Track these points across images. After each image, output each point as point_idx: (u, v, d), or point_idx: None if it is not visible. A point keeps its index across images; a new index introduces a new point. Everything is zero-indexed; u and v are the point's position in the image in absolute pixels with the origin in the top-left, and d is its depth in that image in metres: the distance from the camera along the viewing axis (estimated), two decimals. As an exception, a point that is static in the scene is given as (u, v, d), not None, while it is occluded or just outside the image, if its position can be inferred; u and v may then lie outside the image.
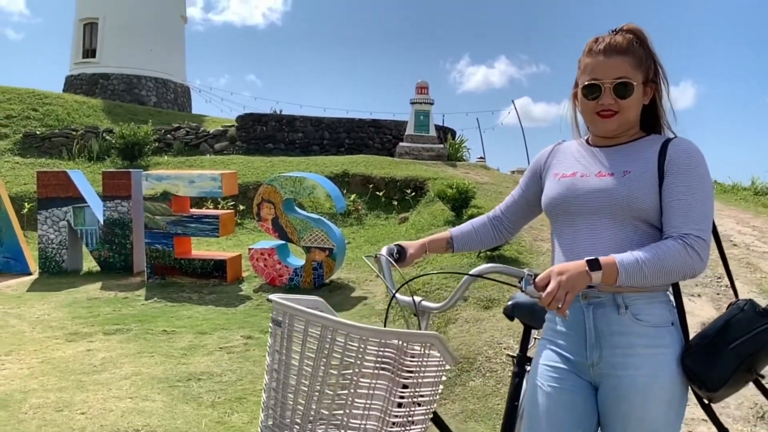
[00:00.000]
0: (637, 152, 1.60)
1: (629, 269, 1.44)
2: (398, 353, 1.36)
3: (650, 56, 1.62)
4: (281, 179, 6.93)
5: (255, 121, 15.65)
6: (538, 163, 1.81)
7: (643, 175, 1.55)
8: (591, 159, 1.65)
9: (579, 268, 1.42)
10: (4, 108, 15.86)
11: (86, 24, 23.07)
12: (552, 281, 1.40)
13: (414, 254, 1.90)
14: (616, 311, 1.54)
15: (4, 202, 7.85)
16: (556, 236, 1.68)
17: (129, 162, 12.74)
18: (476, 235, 1.94)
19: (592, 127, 1.66)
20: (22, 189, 11.25)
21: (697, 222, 1.49)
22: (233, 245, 9.12)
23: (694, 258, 1.46)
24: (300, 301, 1.62)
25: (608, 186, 1.57)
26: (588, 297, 1.57)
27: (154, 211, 7.07)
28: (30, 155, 14.02)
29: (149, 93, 22.56)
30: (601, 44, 1.60)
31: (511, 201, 1.91)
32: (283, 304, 1.46)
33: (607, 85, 1.57)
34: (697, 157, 1.55)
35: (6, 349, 4.81)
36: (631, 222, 1.55)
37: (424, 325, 1.71)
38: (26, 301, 6.39)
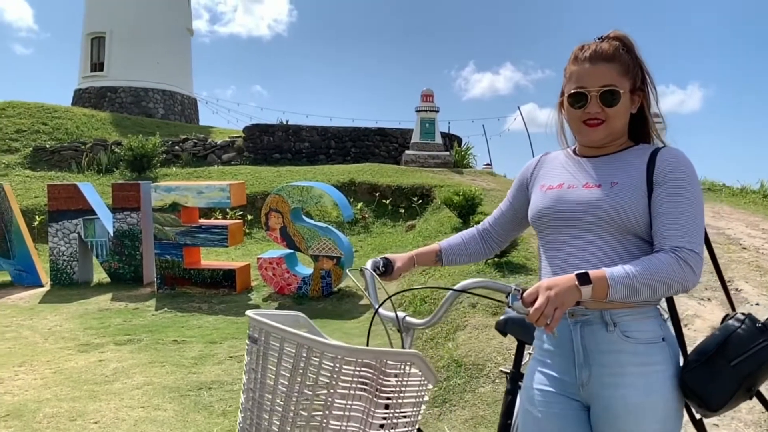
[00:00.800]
0: (625, 162, 1.55)
1: (620, 283, 1.38)
2: (376, 373, 1.30)
3: (637, 64, 1.58)
4: (289, 189, 6.99)
5: (262, 131, 15.76)
6: (525, 175, 1.77)
7: (631, 186, 1.50)
8: (578, 170, 1.60)
9: (568, 282, 1.36)
10: (14, 122, 16.04)
11: (94, 38, 23.32)
12: (540, 296, 1.34)
13: (401, 267, 1.83)
14: (605, 329, 1.50)
15: (16, 215, 7.94)
16: (543, 249, 1.63)
17: (137, 174, 12.85)
18: (465, 248, 1.89)
19: (579, 136, 1.61)
20: (33, 202, 11.37)
21: (689, 235, 1.43)
22: (242, 255, 9.17)
23: (687, 272, 1.40)
24: (279, 317, 1.57)
25: (595, 198, 1.52)
26: (575, 315, 1.53)
27: (163, 222, 7.14)
28: (40, 168, 14.17)
29: (156, 105, 22.76)
30: (587, 51, 1.55)
31: (499, 213, 1.87)
32: (259, 321, 1.40)
33: (593, 93, 1.53)
34: (686, 168, 1.50)
35: (19, 360, 4.86)
36: (619, 235, 1.50)
37: (409, 342, 1.64)
38: (38, 313, 6.45)
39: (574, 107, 1.56)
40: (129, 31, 22.73)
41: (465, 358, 4.27)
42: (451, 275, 6.25)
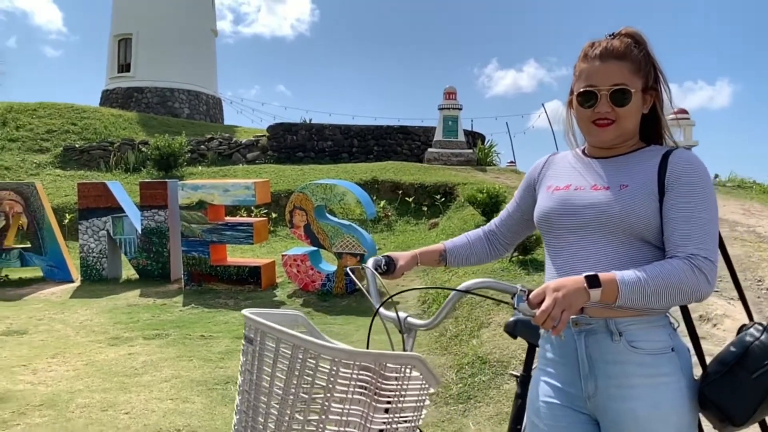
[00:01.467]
0: (636, 164, 1.49)
1: (631, 287, 1.32)
2: (375, 376, 1.25)
3: (650, 61, 1.52)
4: (312, 186, 7.05)
5: (285, 130, 15.90)
6: (532, 176, 1.72)
7: (642, 189, 1.44)
8: (586, 171, 1.55)
9: (577, 284, 1.31)
10: (45, 123, 16.42)
11: (121, 40, 23.74)
12: (547, 298, 1.29)
13: (404, 266, 1.78)
14: (610, 338, 1.44)
15: (48, 213, 8.13)
16: (549, 253, 1.58)
17: (164, 173, 13.06)
18: (471, 249, 1.83)
19: (588, 136, 1.55)
20: (64, 200, 11.63)
21: (703, 241, 1.38)
22: (266, 252, 9.27)
23: (702, 281, 1.34)
24: (276, 316, 1.52)
25: (604, 200, 1.46)
26: (579, 324, 1.47)
27: (190, 220, 7.25)
28: (70, 168, 14.48)
29: (182, 105, 23.09)
30: (597, 49, 1.50)
31: (506, 215, 1.81)
32: (254, 320, 1.34)
33: (603, 92, 1.47)
34: (700, 171, 1.44)
35: (53, 352, 4.99)
36: (628, 239, 1.44)
37: (410, 343, 1.58)
38: (70, 307, 6.61)
39: (583, 106, 1.51)
40: (155, 32, 23.09)
41: (489, 355, 4.27)
42: (475, 273, 6.25)
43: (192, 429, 3.52)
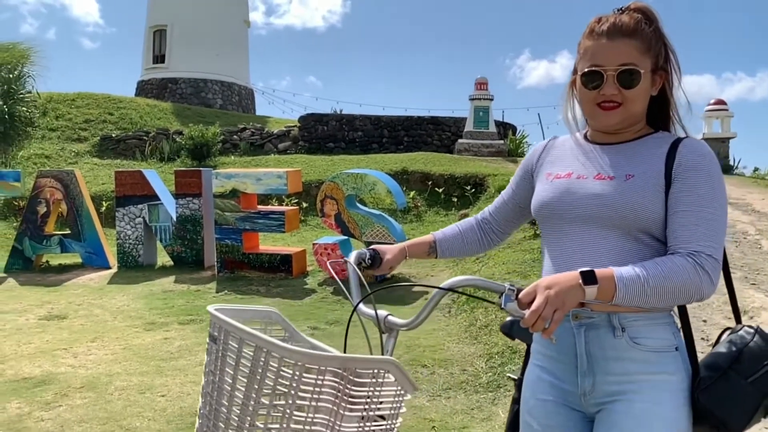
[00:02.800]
0: (643, 153, 1.40)
1: (629, 285, 1.24)
2: (343, 382, 1.16)
3: (660, 39, 1.40)
4: (343, 176, 7.09)
5: (316, 121, 15.99)
6: (530, 161, 1.61)
7: (648, 180, 1.35)
8: (589, 158, 1.45)
9: (571, 281, 1.22)
10: (83, 113, 16.81)
11: (156, 31, 24.11)
12: (538, 296, 1.20)
13: (391, 260, 1.66)
14: (612, 334, 1.36)
15: (86, 200, 8.35)
16: (546, 245, 1.49)
17: (198, 162, 13.28)
18: (462, 240, 1.72)
19: (592, 120, 1.45)
20: (101, 188, 11.92)
21: (709, 238, 1.29)
22: (297, 241, 9.37)
23: (705, 280, 1.26)
24: (247, 312, 1.44)
25: (608, 191, 1.37)
26: (579, 317, 1.38)
27: (223, 208, 7.37)
28: (107, 157, 14.82)
29: (215, 96, 23.38)
30: (605, 24, 1.38)
31: (500, 202, 1.70)
32: (218, 317, 1.25)
33: (610, 73, 1.36)
34: (710, 162, 1.35)
35: (92, 336, 5.15)
36: (632, 233, 1.36)
37: (391, 344, 1.47)
38: (107, 293, 6.80)
39: (587, 87, 1.39)
40: (189, 23, 23.38)
41: (520, 345, 4.26)
42: (504, 264, 6.21)
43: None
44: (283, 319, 1.50)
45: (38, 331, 5.32)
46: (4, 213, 11.29)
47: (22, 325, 5.55)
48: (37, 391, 3.91)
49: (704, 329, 4.53)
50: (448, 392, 3.79)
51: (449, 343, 4.69)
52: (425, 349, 4.56)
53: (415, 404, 3.60)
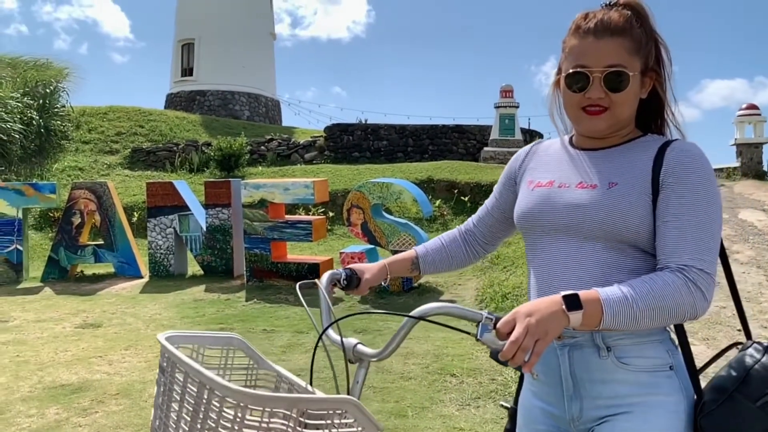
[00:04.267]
0: (629, 158, 1.29)
1: (617, 309, 1.14)
2: (292, 424, 1.06)
3: (651, 38, 1.30)
4: (369, 185, 7.14)
5: (342, 131, 16.13)
6: (513, 168, 1.51)
7: (633, 188, 1.25)
8: (573, 165, 1.35)
9: (552, 307, 1.12)
10: (114, 126, 17.22)
11: (184, 45, 24.63)
12: (518, 325, 1.09)
13: (370, 279, 1.54)
14: (597, 354, 1.26)
15: (119, 211, 8.55)
16: (529, 259, 1.39)
17: (226, 173, 13.49)
18: (446, 253, 1.61)
19: (577, 125, 1.34)
20: (132, 199, 12.17)
21: (700, 251, 1.18)
22: (324, 250, 9.44)
23: (698, 297, 1.16)
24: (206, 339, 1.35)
25: (589, 201, 1.27)
26: (562, 337, 1.25)
27: (252, 218, 7.48)
28: (138, 168, 15.15)
29: (242, 107, 23.75)
30: (591, 21, 1.28)
31: (484, 212, 1.59)
32: (166, 347, 1.16)
33: (596, 75, 1.26)
34: (701, 167, 1.23)
35: (126, 344, 5.26)
36: (617, 246, 1.26)
37: (362, 376, 1.34)
38: (140, 302, 6.94)
39: (572, 90, 1.29)
40: (216, 37, 23.84)
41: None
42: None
43: (257, 419, 3.65)
44: (248, 346, 1.41)
45: (74, 339, 5.46)
46: (40, 224, 11.61)
47: (59, 333, 5.70)
48: (74, 397, 4.01)
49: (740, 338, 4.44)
50: (477, 401, 3.79)
51: (477, 352, 4.68)
52: (453, 358, 4.56)
53: (445, 413, 3.60)
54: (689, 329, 4.78)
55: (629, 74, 1.26)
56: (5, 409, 3.82)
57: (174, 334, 1.25)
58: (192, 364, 1.10)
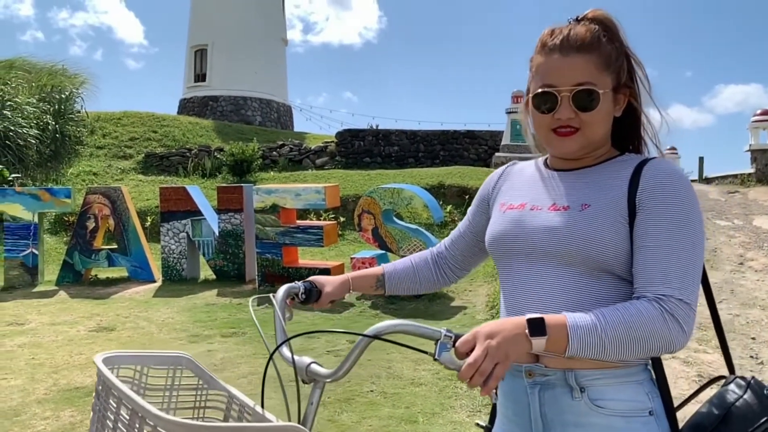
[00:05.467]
0: (604, 179, 1.23)
1: (584, 337, 1.07)
2: None
3: (622, 53, 1.24)
4: (380, 191, 7.17)
5: (353, 136, 16.18)
6: (486, 189, 1.45)
7: (607, 210, 1.18)
8: (546, 187, 1.29)
9: (515, 329, 1.06)
10: (128, 131, 17.39)
11: (197, 50, 24.85)
12: (477, 346, 1.03)
13: (331, 293, 1.48)
14: (569, 395, 1.18)
15: (132, 216, 8.63)
16: (501, 284, 1.33)
17: (238, 178, 13.58)
18: (414, 275, 1.54)
19: (548, 146, 1.29)
20: (145, 204, 12.28)
21: (680, 279, 1.11)
22: (335, 255, 9.47)
23: (674, 330, 1.08)
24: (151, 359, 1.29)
25: (560, 224, 1.20)
26: (533, 374, 1.21)
27: (264, 223, 7.53)
28: (151, 173, 15.28)
29: (254, 113, 23.91)
30: (557, 38, 1.22)
31: (457, 235, 1.52)
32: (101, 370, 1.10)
33: (564, 94, 1.19)
34: (680, 187, 1.16)
35: (139, 348, 5.31)
36: (591, 272, 1.18)
37: (317, 397, 1.28)
38: (153, 306, 7.00)
39: (540, 110, 1.23)
40: (229, 42, 24.04)
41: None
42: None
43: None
44: (197, 366, 1.35)
45: (88, 342, 5.52)
46: (55, 228, 11.74)
47: (73, 336, 5.77)
48: (89, 400, 4.06)
49: (753, 347, 4.41)
50: (488, 408, 3.78)
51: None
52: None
53: (455, 419, 3.61)
54: (701, 337, 4.73)
55: (599, 92, 1.20)
56: (21, 411, 3.87)
57: (114, 355, 1.18)
58: (123, 389, 1.05)
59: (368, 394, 4.08)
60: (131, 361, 1.23)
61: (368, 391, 4.13)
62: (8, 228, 8.44)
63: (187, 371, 1.35)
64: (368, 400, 3.99)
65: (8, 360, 5.01)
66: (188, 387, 1.34)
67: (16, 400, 4.08)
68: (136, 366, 1.26)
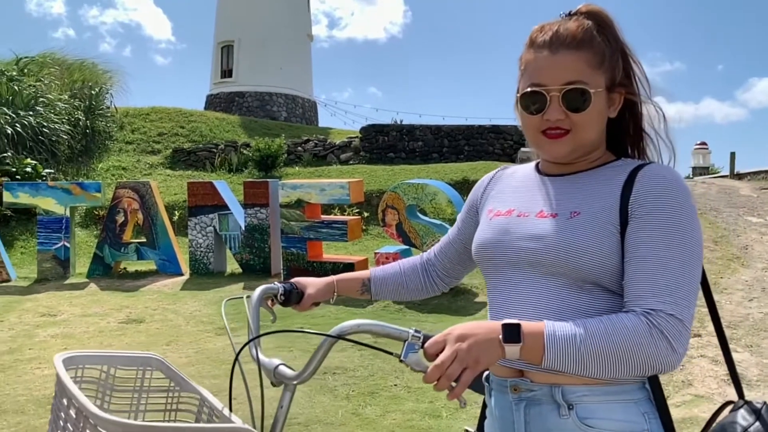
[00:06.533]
0: (596, 185, 1.15)
1: (561, 348, 1.00)
2: None
3: (617, 49, 1.17)
4: (404, 186, 7.18)
5: (377, 131, 16.19)
6: (475, 195, 1.38)
7: (597, 218, 1.10)
8: (535, 193, 1.22)
9: (489, 334, 0.99)
10: (156, 126, 17.66)
11: (223, 46, 25.11)
12: (447, 348, 0.98)
13: (314, 295, 1.45)
14: (556, 412, 1.10)
15: (161, 210, 8.78)
16: (488, 295, 1.26)
17: (264, 173, 13.72)
18: (402, 281, 1.48)
19: (538, 149, 1.21)
20: (173, 198, 12.48)
21: (672, 293, 1.02)
22: (359, 250, 9.51)
23: (662, 347, 0.99)
24: (116, 359, 1.25)
25: (545, 232, 1.13)
26: (519, 389, 1.14)
27: (289, 218, 7.60)
28: (179, 168, 15.51)
29: (280, 108, 24.09)
30: (547, 34, 1.15)
31: (446, 242, 1.46)
32: (58, 368, 1.09)
33: (554, 94, 1.12)
34: (676, 193, 1.07)
35: (167, 340, 5.42)
36: (578, 283, 1.11)
37: (287, 400, 1.24)
38: (180, 299, 7.12)
39: (529, 111, 1.16)
40: (255, 39, 24.24)
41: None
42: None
43: (293, 415, 3.72)
44: (168, 367, 1.31)
45: (118, 334, 5.65)
46: (86, 222, 12.01)
47: (104, 327, 5.90)
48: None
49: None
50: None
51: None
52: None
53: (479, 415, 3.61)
54: (731, 336, 4.67)
55: (591, 91, 1.12)
56: (55, 400, 3.99)
57: (78, 354, 1.14)
58: (69, 387, 1.02)
59: (392, 388, 4.10)
60: (96, 361, 1.19)
61: (392, 385, 4.15)
62: (41, 222, 8.66)
63: (157, 372, 1.31)
64: (392, 394, 4.01)
65: (42, 350, 5.16)
66: (159, 389, 1.30)
67: (50, 389, 4.20)
68: (102, 366, 1.22)
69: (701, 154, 19.72)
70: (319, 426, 3.60)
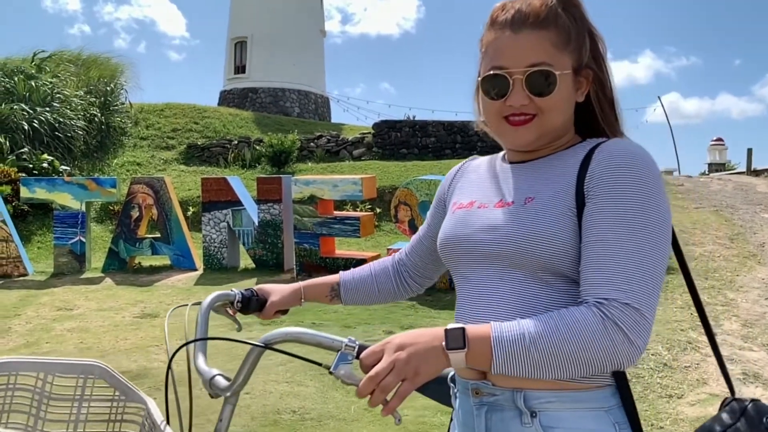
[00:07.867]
0: (555, 168, 1.07)
1: (510, 350, 0.91)
2: None
3: (584, 28, 1.08)
4: (417, 182, 7.17)
5: (390, 127, 16.18)
6: (443, 188, 1.30)
7: (552, 202, 1.02)
8: (496, 182, 1.14)
9: (431, 341, 0.92)
10: (171, 122, 17.78)
11: (237, 42, 25.19)
12: (384, 358, 0.91)
13: (278, 302, 1.37)
14: (519, 419, 1.01)
15: (175, 205, 8.84)
16: (457, 293, 1.17)
17: (277, 169, 13.77)
18: (373, 285, 1.40)
19: (501, 137, 1.13)
20: (187, 194, 12.56)
21: (628, 280, 0.93)
22: (371, 246, 9.53)
23: (617, 340, 0.91)
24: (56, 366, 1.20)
25: (501, 222, 1.05)
26: (480, 393, 1.05)
27: (302, 213, 7.63)
28: (192, 164, 15.61)
29: (293, 104, 24.14)
30: (509, 12, 1.06)
31: (416, 241, 1.37)
32: None
33: (517, 77, 1.03)
34: (637, 169, 0.98)
35: (181, 335, 5.43)
36: (542, 276, 1.02)
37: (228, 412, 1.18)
38: (194, 294, 7.17)
39: (490, 96, 1.07)
40: (268, 34, 24.29)
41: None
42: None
43: (306, 411, 3.75)
44: (112, 375, 1.24)
45: (133, 328, 5.71)
46: (101, 217, 12.13)
47: (119, 322, 5.97)
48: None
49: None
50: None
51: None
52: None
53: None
54: (746, 334, 4.63)
55: (557, 74, 1.03)
56: (71, 393, 4.04)
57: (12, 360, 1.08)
58: None
59: (404, 385, 4.11)
60: (32, 367, 1.13)
61: (404, 382, 4.16)
62: (57, 216, 8.76)
63: (100, 381, 1.23)
64: (404, 390, 4.02)
65: (58, 344, 5.22)
66: (102, 398, 1.24)
67: (67, 382, 4.25)
68: (38, 374, 1.16)
69: (717, 151, 19.50)
70: (332, 421, 3.62)
